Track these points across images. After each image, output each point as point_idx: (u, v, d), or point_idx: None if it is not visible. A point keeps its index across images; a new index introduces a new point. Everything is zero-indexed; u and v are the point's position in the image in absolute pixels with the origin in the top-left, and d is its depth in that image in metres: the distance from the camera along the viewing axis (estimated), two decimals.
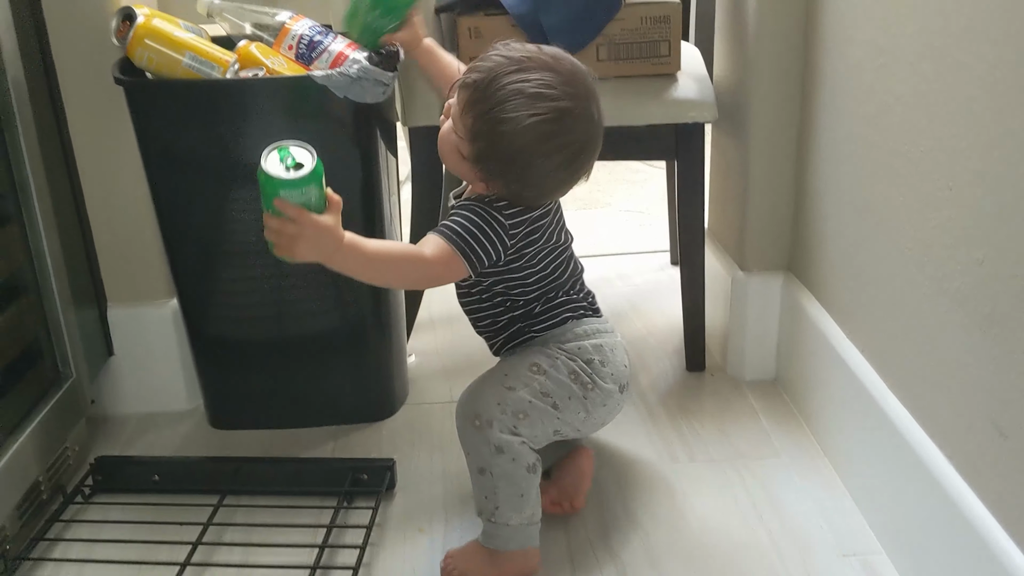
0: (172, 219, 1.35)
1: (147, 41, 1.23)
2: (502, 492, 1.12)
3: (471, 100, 1.08)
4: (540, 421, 1.14)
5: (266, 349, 1.44)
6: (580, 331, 1.20)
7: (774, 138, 1.44)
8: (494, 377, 1.16)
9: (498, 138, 1.07)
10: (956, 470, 1.01)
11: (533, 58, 1.08)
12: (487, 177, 1.11)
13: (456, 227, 1.11)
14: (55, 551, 1.21)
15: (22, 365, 1.26)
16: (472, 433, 1.12)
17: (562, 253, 1.21)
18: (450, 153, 1.14)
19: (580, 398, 1.17)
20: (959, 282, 0.98)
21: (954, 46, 0.97)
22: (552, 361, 1.17)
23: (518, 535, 1.14)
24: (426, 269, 1.11)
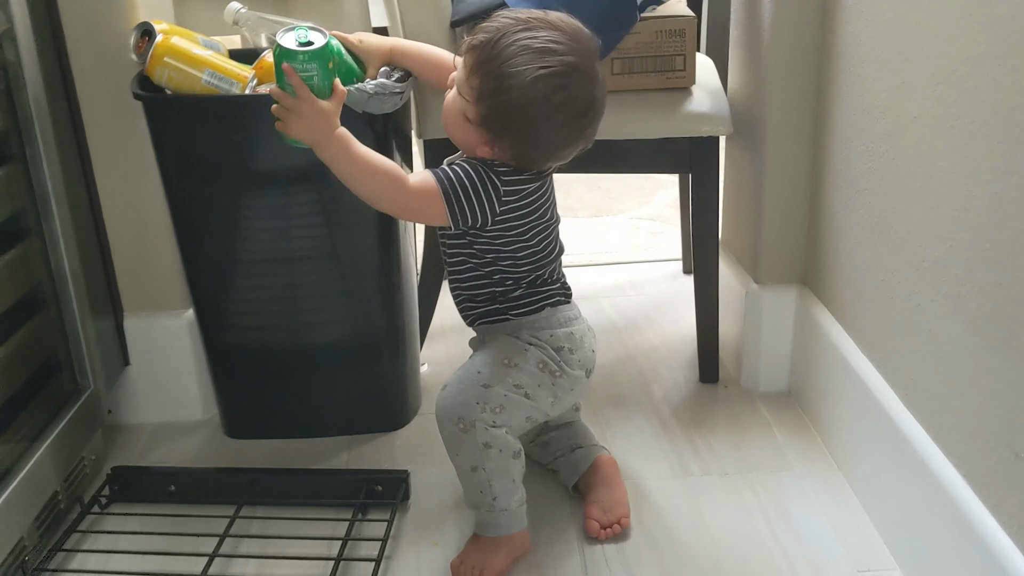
0: (189, 230, 1.36)
1: (166, 59, 1.24)
2: (497, 484, 1.16)
3: (478, 60, 1.10)
4: (516, 411, 1.18)
5: (281, 359, 1.45)
6: (555, 319, 1.23)
7: (789, 152, 1.45)
8: (469, 376, 1.18)
9: (506, 93, 1.08)
10: (971, 489, 1.01)
11: (539, 18, 1.11)
12: (494, 138, 1.12)
13: (451, 173, 1.14)
14: (73, 562, 1.22)
15: (41, 377, 1.27)
16: (458, 435, 1.16)
17: (551, 231, 1.22)
18: (455, 120, 1.15)
19: (549, 386, 1.20)
20: (976, 303, 0.98)
21: (969, 73, 0.97)
22: (521, 353, 1.20)
23: (515, 518, 1.19)
24: (402, 195, 1.13)
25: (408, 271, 1.46)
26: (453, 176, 1.14)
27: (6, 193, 1.20)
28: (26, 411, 1.22)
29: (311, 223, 1.35)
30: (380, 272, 1.40)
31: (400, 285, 1.43)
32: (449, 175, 1.14)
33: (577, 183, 2.50)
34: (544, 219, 1.20)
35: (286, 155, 1.29)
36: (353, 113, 1.25)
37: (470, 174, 1.14)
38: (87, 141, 1.38)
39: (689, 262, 1.93)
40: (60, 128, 1.30)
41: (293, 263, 1.38)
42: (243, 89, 1.26)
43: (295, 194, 1.33)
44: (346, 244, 1.37)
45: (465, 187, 1.13)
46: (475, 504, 1.19)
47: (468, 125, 1.13)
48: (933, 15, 1.04)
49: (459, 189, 1.13)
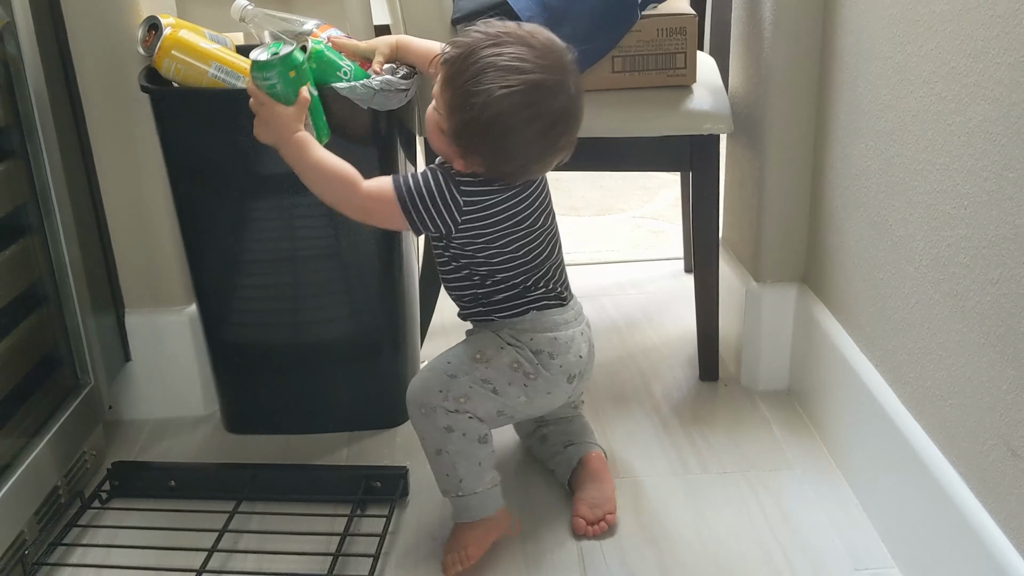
0: (193, 227, 1.37)
1: (174, 52, 1.25)
2: (461, 466, 1.18)
3: (448, 75, 1.12)
4: (482, 402, 1.19)
5: (282, 355, 1.45)
6: (539, 323, 1.23)
7: (790, 150, 1.44)
8: (438, 365, 1.20)
9: (471, 111, 1.09)
10: (969, 488, 1.01)
11: (510, 33, 1.11)
12: (465, 152, 1.13)
13: (409, 181, 1.15)
14: (73, 556, 1.23)
15: (42, 372, 1.27)
16: (421, 420, 1.19)
17: (539, 239, 1.22)
18: (433, 131, 1.17)
19: (520, 385, 1.21)
20: (974, 300, 0.98)
21: (970, 68, 0.97)
22: (496, 350, 1.21)
23: (487, 500, 1.20)
24: (355, 198, 1.16)
25: (409, 269, 1.46)
26: (412, 184, 1.15)
27: (7, 188, 1.20)
28: (27, 406, 1.23)
29: (314, 222, 1.35)
30: (381, 270, 1.41)
31: (401, 283, 1.43)
32: (408, 182, 1.15)
33: (579, 181, 2.50)
34: (524, 227, 1.19)
35: None
36: (358, 109, 1.25)
37: (428, 182, 1.15)
38: (89, 136, 1.39)
39: (690, 261, 1.93)
40: (62, 123, 1.30)
41: (296, 261, 1.38)
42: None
43: (299, 193, 1.32)
44: (348, 243, 1.37)
45: (423, 196, 1.14)
46: (444, 489, 1.21)
47: (443, 137, 1.15)
48: (934, 11, 1.04)
49: (416, 197, 1.14)
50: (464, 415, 1.18)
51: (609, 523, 1.25)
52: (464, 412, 1.18)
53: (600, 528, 1.24)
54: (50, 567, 1.20)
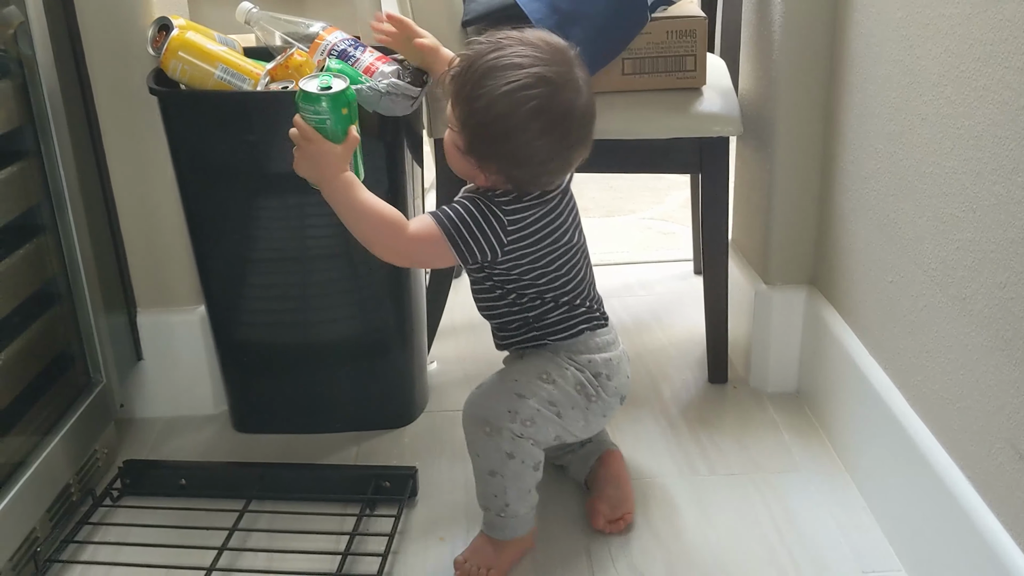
0: (202, 227, 1.38)
1: (181, 53, 1.26)
2: (512, 491, 1.16)
3: (455, 90, 1.11)
4: (545, 428, 1.17)
5: (290, 355, 1.46)
6: (593, 344, 1.21)
7: (799, 153, 1.45)
8: (505, 384, 1.17)
9: (478, 114, 1.08)
10: (975, 490, 1.01)
11: (510, 36, 1.10)
12: (482, 163, 1.11)
13: (451, 213, 1.12)
14: (84, 553, 1.24)
15: (54, 371, 1.28)
16: (483, 439, 1.15)
17: (576, 254, 1.20)
18: (451, 153, 1.15)
19: (583, 408, 1.19)
20: (981, 303, 0.98)
21: (978, 71, 0.97)
22: (561, 371, 1.18)
23: (524, 523, 1.19)
24: (402, 242, 1.12)
25: (417, 270, 1.47)
26: (454, 215, 1.11)
27: (21, 189, 1.22)
28: (40, 404, 1.24)
29: (323, 222, 1.36)
30: (389, 270, 1.41)
31: (409, 283, 1.44)
32: (450, 215, 1.12)
33: (589, 183, 2.51)
34: (562, 243, 1.17)
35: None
36: (364, 112, 1.26)
37: (471, 210, 1.12)
38: (102, 137, 1.40)
39: (699, 262, 1.93)
40: (75, 124, 1.32)
41: (304, 261, 1.39)
42: (255, 86, 1.27)
43: (307, 193, 1.34)
44: (356, 243, 1.37)
45: (467, 224, 1.11)
46: (486, 505, 1.19)
47: (462, 155, 1.13)
48: (943, 14, 1.04)
49: (461, 227, 1.11)
50: (527, 441, 1.15)
51: (627, 522, 1.25)
52: (528, 438, 1.15)
53: (618, 527, 1.25)
54: (62, 564, 1.21)
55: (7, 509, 1.11)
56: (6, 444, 1.16)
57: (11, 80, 1.19)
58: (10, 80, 1.19)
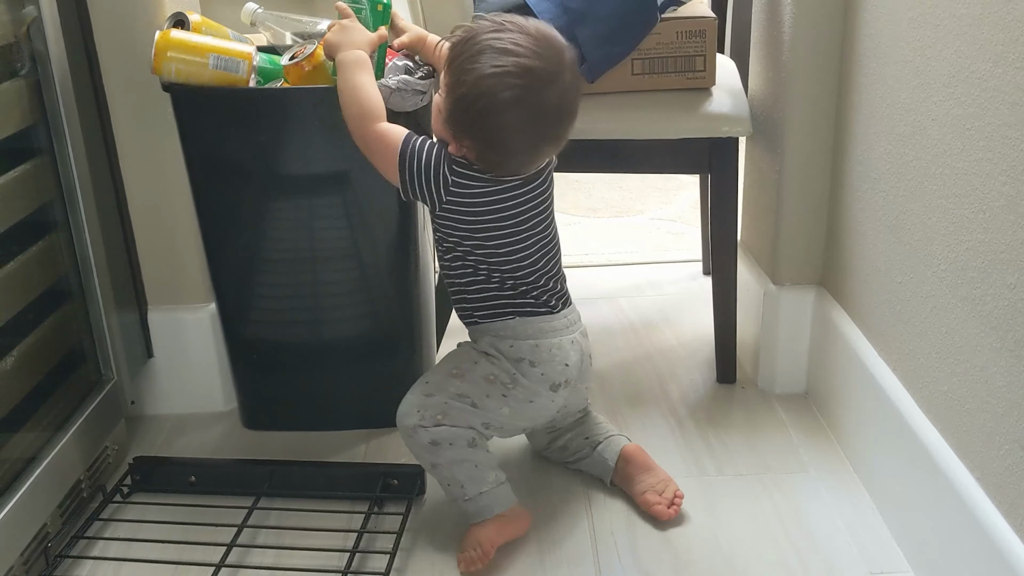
0: (213, 225, 1.38)
1: (170, 54, 1.24)
2: (459, 473, 1.20)
3: (449, 57, 1.14)
4: (462, 416, 1.21)
5: (299, 353, 1.46)
6: (521, 330, 1.22)
7: (808, 153, 1.45)
8: (418, 385, 1.24)
9: (461, 87, 1.11)
10: (984, 492, 1.01)
11: (514, 22, 1.13)
12: (456, 135, 1.15)
13: (418, 143, 1.17)
14: (94, 549, 1.25)
15: (66, 367, 1.29)
16: (408, 441, 1.22)
17: (532, 242, 1.22)
18: (435, 115, 1.19)
19: (499, 396, 1.22)
20: (991, 305, 0.98)
21: (989, 72, 0.97)
22: (471, 365, 1.22)
23: (495, 498, 1.21)
24: (365, 131, 1.19)
25: (426, 269, 1.47)
26: (417, 146, 1.17)
27: (34, 186, 1.22)
28: (51, 400, 1.25)
29: (333, 222, 1.37)
30: (398, 270, 1.42)
31: (418, 283, 1.44)
32: (415, 144, 1.17)
33: (598, 183, 2.51)
34: (509, 225, 1.20)
35: (311, 155, 1.31)
36: None
37: (430, 153, 1.17)
38: (114, 135, 1.41)
39: (708, 263, 1.93)
40: (87, 121, 1.32)
41: (314, 261, 1.40)
42: (249, 66, 1.27)
43: (318, 193, 1.35)
44: (366, 243, 1.39)
45: (420, 160, 1.16)
46: (452, 498, 1.23)
47: (443, 121, 1.17)
48: (954, 15, 1.04)
49: (414, 159, 1.16)
50: (444, 428, 1.19)
51: (681, 498, 1.28)
52: (443, 425, 1.19)
53: (677, 508, 1.27)
54: (72, 559, 1.22)
55: (19, 505, 1.11)
56: (18, 440, 1.16)
57: (24, 78, 1.20)
58: (23, 78, 1.20)
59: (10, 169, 1.17)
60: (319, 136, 1.30)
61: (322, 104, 1.29)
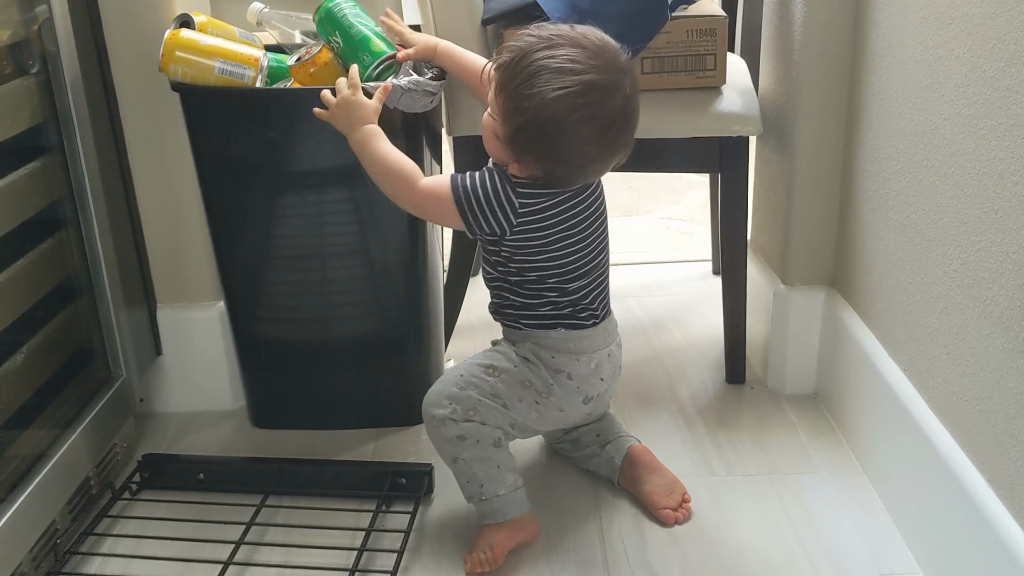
0: (223, 224, 1.38)
1: (177, 54, 1.24)
2: (479, 471, 1.19)
3: (502, 81, 1.12)
4: (491, 414, 1.20)
5: (308, 352, 1.46)
6: (563, 343, 1.21)
7: (819, 153, 1.44)
8: (451, 376, 1.22)
9: (524, 114, 1.09)
10: (995, 493, 1.00)
11: (562, 35, 1.11)
12: (520, 156, 1.13)
13: (467, 181, 1.15)
14: (103, 546, 1.25)
15: (75, 365, 1.30)
16: (432, 431, 1.21)
17: (594, 245, 1.21)
18: (488, 137, 1.17)
19: (532, 403, 1.21)
20: (1003, 305, 0.98)
21: (1002, 72, 0.96)
22: (509, 366, 1.21)
23: (511, 502, 1.21)
24: (413, 195, 1.18)
25: (435, 268, 1.47)
26: (468, 184, 1.15)
27: (44, 183, 1.23)
28: (60, 398, 1.25)
29: (342, 220, 1.37)
30: (407, 269, 1.42)
31: (426, 282, 1.44)
32: (464, 182, 1.15)
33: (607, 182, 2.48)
34: (577, 232, 1.18)
35: (319, 153, 1.31)
36: (386, 109, 1.26)
37: (486, 183, 1.15)
38: (124, 133, 1.41)
39: (718, 263, 1.92)
40: (97, 120, 1.33)
41: (323, 259, 1.40)
42: (255, 72, 1.27)
43: (327, 192, 1.35)
44: (375, 241, 1.39)
45: (479, 196, 1.14)
46: (468, 495, 1.22)
47: (498, 142, 1.15)
48: (966, 14, 1.03)
49: (472, 198, 1.14)
50: (473, 424, 1.19)
51: (687, 502, 1.27)
52: (474, 422, 1.19)
53: (685, 511, 1.26)
54: (81, 556, 1.22)
55: (28, 501, 1.12)
56: (28, 437, 1.17)
57: (35, 76, 1.20)
58: (34, 76, 1.20)
59: (21, 166, 1.17)
60: (327, 135, 1.29)
61: None
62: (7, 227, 1.14)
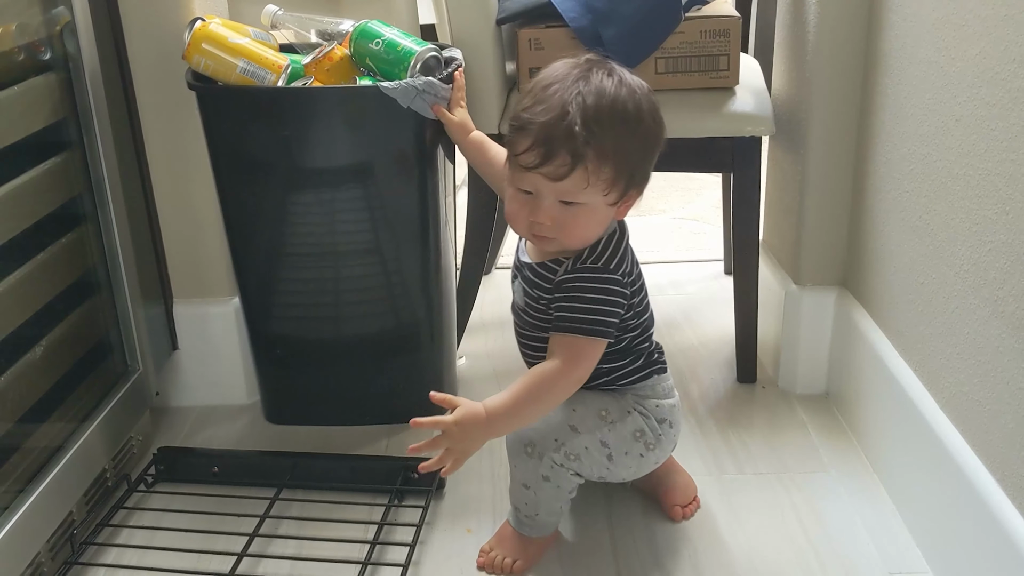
0: (238, 221, 1.40)
1: (204, 46, 1.26)
2: (543, 507, 1.17)
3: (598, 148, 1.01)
4: (591, 466, 1.15)
5: (322, 348, 1.47)
6: (660, 389, 1.18)
7: (831, 154, 1.44)
8: (562, 411, 1.13)
9: (642, 123, 1.03)
10: (1005, 494, 1.00)
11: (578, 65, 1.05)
12: (637, 189, 1.07)
13: (583, 315, 1.06)
14: (119, 537, 1.26)
15: (93, 358, 1.31)
16: (523, 457, 1.14)
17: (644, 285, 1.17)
18: (588, 224, 1.06)
19: (637, 456, 1.17)
20: (1014, 306, 0.98)
21: (1014, 73, 0.96)
22: (623, 414, 1.15)
23: (551, 527, 1.20)
24: (571, 376, 1.07)
25: (448, 266, 1.48)
26: (586, 314, 1.06)
27: (64, 179, 1.24)
28: (78, 391, 1.27)
29: (355, 218, 1.38)
30: (420, 267, 1.42)
31: (439, 280, 1.45)
32: (582, 318, 1.06)
33: None
34: (641, 275, 1.15)
35: (333, 152, 1.33)
36: (399, 109, 1.27)
37: (594, 297, 1.07)
38: (142, 131, 1.43)
39: (730, 263, 1.93)
40: (116, 118, 1.34)
41: (336, 256, 1.41)
42: (277, 78, 1.28)
43: (340, 190, 1.36)
44: (388, 239, 1.40)
45: (606, 314, 1.07)
46: (517, 506, 1.20)
47: (604, 218, 1.07)
48: (978, 16, 1.04)
49: (605, 322, 1.07)
50: (568, 471, 1.14)
51: (698, 504, 1.28)
52: (569, 469, 1.14)
53: (692, 509, 1.27)
54: (97, 547, 1.24)
55: (45, 493, 1.13)
56: (45, 429, 1.18)
57: (56, 74, 1.22)
58: (55, 74, 1.22)
59: (41, 162, 1.19)
60: (342, 133, 1.31)
61: (345, 102, 1.31)
62: (27, 222, 1.16)
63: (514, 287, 1.19)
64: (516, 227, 1.10)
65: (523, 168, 1.03)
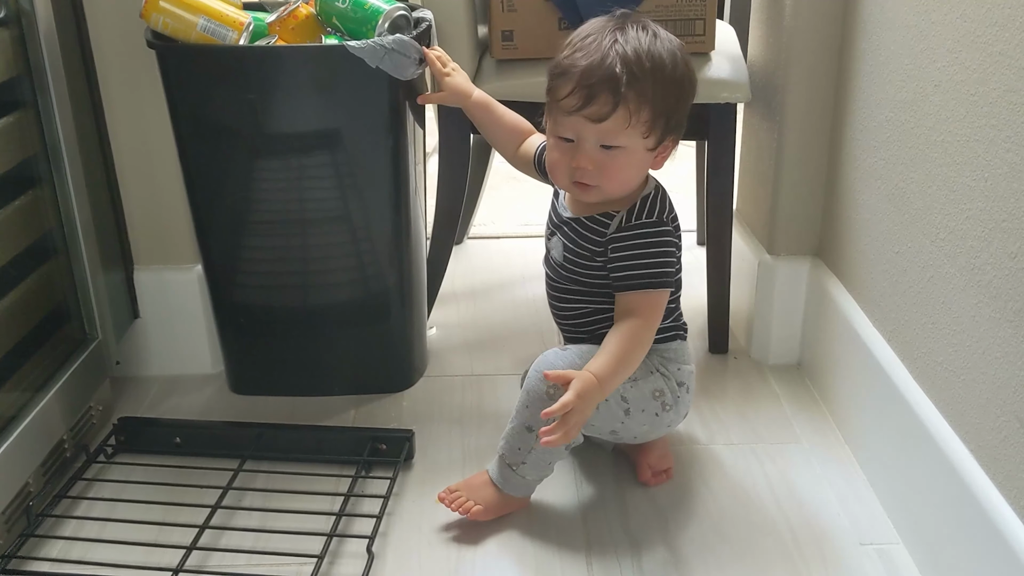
0: (201, 186, 1.36)
1: (161, 4, 1.21)
2: (537, 455, 1.16)
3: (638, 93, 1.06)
4: (607, 419, 1.17)
5: (289, 317, 1.44)
6: (683, 353, 1.21)
7: (808, 121, 1.42)
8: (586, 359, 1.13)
9: (676, 70, 1.08)
10: (978, 463, 1.00)
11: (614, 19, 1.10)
12: (673, 137, 1.12)
13: (651, 269, 1.12)
14: (78, 509, 1.23)
15: (50, 325, 1.27)
16: (540, 398, 1.12)
17: None
18: (628, 171, 1.11)
19: (652, 415, 1.18)
20: (991, 275, 0.97)
21: (995, 36, 0.94)
22: (645, 373, 1.17)
23: (527, 488, 1.20)
24: (653, 328, 1.13)
25: (418, 235, 1.45)
26: (659, 269, 1.13)
27: (17, 139, 1.20)
28: (34, 358, 1.23)
29: (323, 185, 1.34)
30: (390, 235, 1.39)
31: (409, 248, 1.42)
32: (656, 274, 1.12)
33: None
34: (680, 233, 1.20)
35: (300, 115, 1.29)
36: (368, 70, 1.23)
37: (664, 252, 1.13)
38: (100, 91, 1.38)
39: (703, 233, 1.91)
40: (73, 76, 1.29)
41: (304, 224, 1.37)
42: (239, 36, 1.24)
43: (308, 155, 1.32)
44: (357, 206, 1.36)
45: (670, 264, 1.14)
46: (504, 454, 1.18)
47: (643, 163, 1.12)
48: None
49: (670, 272, 1.14)
50: None
51: (669, 476, 1.27)
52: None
53: (663, 478, 1.26)
54: (55, 519, 1.21)
55: None
56: (0, 398, 1.15)
57: (8, 30, 1.17)
58: (7, 30, 1.17)
59: None
60: (308, 95, 1.27)
61: (311, 62, 1.27)
62: None
63: (551, 243, 1.22)
64: (557, 177, 1.14)
65: (565, 113, 1.08)
